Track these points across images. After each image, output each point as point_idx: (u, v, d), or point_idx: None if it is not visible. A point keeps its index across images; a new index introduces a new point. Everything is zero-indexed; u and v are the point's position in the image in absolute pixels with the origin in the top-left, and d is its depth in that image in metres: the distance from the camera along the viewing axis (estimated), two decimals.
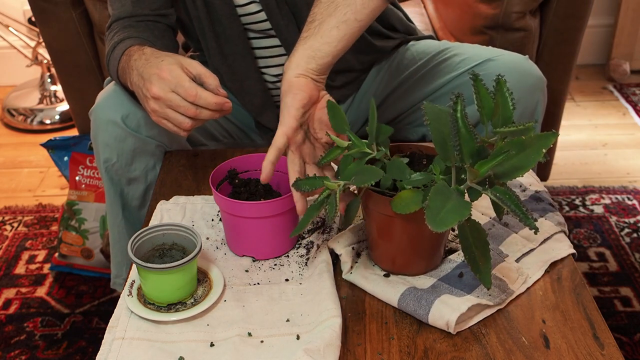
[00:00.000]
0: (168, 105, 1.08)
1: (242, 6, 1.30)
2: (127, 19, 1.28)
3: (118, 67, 1.21)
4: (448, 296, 0.97)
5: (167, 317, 0.96)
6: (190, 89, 1.06)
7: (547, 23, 1.77)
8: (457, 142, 0.88)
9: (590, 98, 2.80)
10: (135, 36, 1.23)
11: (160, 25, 1.30)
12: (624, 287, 1.84)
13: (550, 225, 1.12)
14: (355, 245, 1.07)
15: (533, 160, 0.86)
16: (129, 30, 1.25)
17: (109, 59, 1.25)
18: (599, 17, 2.88)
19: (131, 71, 1.15)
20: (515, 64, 1.31)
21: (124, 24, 1.28)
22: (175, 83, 1.07)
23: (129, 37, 1.23)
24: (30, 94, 2.76)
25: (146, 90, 1.10)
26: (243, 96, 1.40)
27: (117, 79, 1.24)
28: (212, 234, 1.14)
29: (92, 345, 1.69)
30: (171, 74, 1.07)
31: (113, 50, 1.23)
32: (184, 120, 1.09)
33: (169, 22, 1.32)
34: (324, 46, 1.06)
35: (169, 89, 1.07)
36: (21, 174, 2.41)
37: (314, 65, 1.05)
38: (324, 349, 0.88)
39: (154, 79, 1.08)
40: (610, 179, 2.30)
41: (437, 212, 0.84)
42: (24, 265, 1.97)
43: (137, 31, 1.25)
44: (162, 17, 1.30)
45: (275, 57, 1.36)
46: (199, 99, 1.06)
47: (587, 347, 0.92)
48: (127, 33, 1.25)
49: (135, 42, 1.21)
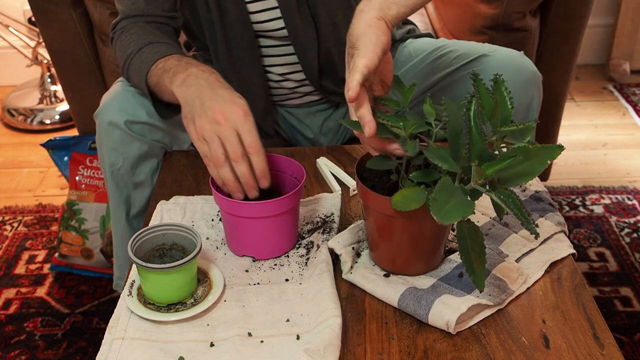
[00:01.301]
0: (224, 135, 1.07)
1: (256, 13, 1.30)
2: (137, 17, 1.28)
3: (153, 68, 1.19)
4: (448, 296, 0.97)
5: (167, 317, 0.96)
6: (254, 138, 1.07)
7: (547, 23, 1.77)
8: (468, 140, 0.88)
9: (590, 98, 2.80)
10: (164, 42, 1.23)
11: (168, 28, 1.30)
12: (624, 287, 1.84)
13: (550, 225, 1.12)
14: (355, 245, 1.07)
15: (538, 169, 0.87)
16: (147, 32, 1.24)
17: (131, 60, 1.23)
18: (599, 17, 2.88)
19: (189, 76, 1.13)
20: (510, 59, 1.31)
21: (135, 23, 1.27)
22: (220, 130, 1.06)
23: (157, 41, 1.22)
24: (30, 94, 2.76)
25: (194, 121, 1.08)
26: (249, 101, 1.40)
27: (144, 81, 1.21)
28: (212, 234, 1.14)
29: (92, 345, 1.69)
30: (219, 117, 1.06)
31: (139, 51, 1.21)
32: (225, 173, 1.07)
33: (176, 25, 1.32)
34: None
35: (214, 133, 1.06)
36: (21, 174, 2.41)
37: (394, 12, 1.02)
38: (324, 349, 0.88)
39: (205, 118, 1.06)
40: (610, 179, 2.30)
41: (442, 205, 0.84)
42: (24, 265, 1.97)
43: (160, 36, 1.25)
44: (171, 19, 1.30)
45: (281, 57, 1.36)
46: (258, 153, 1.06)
47: (587, 347, 0.92)
48: (150, 36, 1.23)
49: (173, 49, 1.21)
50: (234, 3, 1.28)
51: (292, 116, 1.48)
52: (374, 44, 0.97)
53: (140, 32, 1.26)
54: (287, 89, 1.41)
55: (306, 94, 1.43)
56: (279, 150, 1.33)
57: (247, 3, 1.29)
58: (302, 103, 1.45)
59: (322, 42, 1.33)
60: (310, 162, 1.32)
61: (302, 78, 1.39)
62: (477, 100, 0.91)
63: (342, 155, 1.34)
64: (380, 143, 0.98)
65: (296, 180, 1.11)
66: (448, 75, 1.36)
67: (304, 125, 1.48)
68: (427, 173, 0.95)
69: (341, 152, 1.35)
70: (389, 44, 1.00)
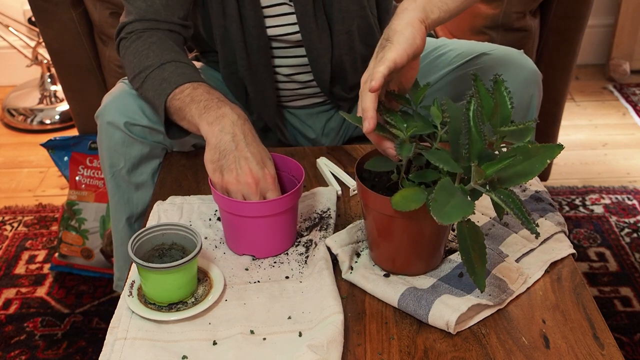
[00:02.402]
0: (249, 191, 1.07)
1: (271, 17, 1.30)
2: (152, 21, 1.25)
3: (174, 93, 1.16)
4: (448, 296, 0.97)
5: (169, 317, 0.96)
6: None
7: (547, 23, 1.77)
8: (467, 140, 0.88)
9: (590, 98, 2.80)
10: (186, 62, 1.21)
11: (180, 38, 1.28)
12: (624, 287, 1.84)
13: (550, 225, 1.12)
14: (353, 245, 1.07)
15: (537, 169, 0.87)
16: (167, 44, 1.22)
17: (149, 73, 1.19)
18: (599, 17, 2.88)
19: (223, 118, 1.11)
20: (510, 57, 1.31)
21: (155, 32, 1.24)
22: (248, 192, 1.06)
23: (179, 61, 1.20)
24: (30, 94, 2.76)
25: (222, 171, 1.07)
26: (262, 107, 1.39)
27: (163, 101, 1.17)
28: (210, 234, 1.14)
29: (92, 345, 1.69)
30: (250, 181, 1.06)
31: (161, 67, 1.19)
32: None
33: (187, 35, 1.30)
34: (449, 2, 1.05)
35: (240, 191, 1.06)
36: (21, 174, 2.41)
37: (435, 16, 1.03)
38: (327, 345, 0.89)
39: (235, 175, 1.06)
40: (610, 179, 2.30)
41: (442, 205, 0.84)
42: (24, 265, 1.97)
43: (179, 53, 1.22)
44: (183, 28, 1.28)
45: (289, 58, 1.36)
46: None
47: (587, 347, 0.92)
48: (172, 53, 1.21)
49: (194, 73, 1.19)
50: (253, 10, 1.28)
51: (294, 117, 1.48)
52: (408, 43, 0.98)
53: (160, 44, 1.23)
54: (290, 90, 1.41)
55: (309, 95, 1.43)
56: (279, 150, 1.33)
57: (263, 8, 1.29)
58: (305, 105, 1.46)
59: (335, 49, 1.34)
60: (310, 162, 1.32)
61: (307, 79, 1.39)
62: (476, 100, 0.91)
63: (342, 155, 1.34)
64: (377, 138, 0.99)
65: (295, 179, 1.12)
66: (448, 74, 1.36)
67: (306, 126, 1.48)
68: (427, 173, 0.95)
69: (341, 152, 1.35)
70: (422, 50, 1.01)
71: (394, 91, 1.03)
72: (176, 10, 1.26)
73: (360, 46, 1.36)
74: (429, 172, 0.96)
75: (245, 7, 1.28)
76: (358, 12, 1.32)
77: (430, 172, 0.96)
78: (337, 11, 1.30)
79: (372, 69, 0.98)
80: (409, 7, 1.02)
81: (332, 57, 1.34)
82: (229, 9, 1.28)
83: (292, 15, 1.30)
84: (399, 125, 0.96)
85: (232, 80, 1.38)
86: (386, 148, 0.99)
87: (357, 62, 1.38)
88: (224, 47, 1.34)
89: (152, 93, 1.19)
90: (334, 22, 1.31)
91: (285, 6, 1.30)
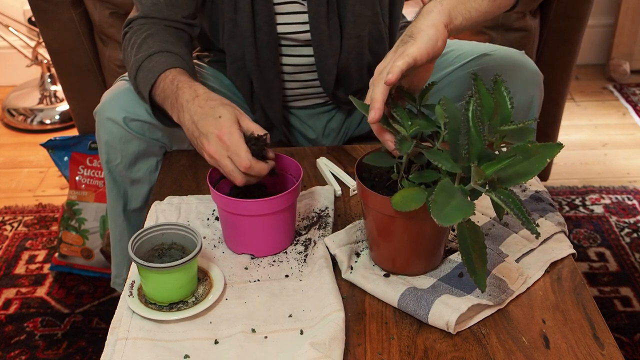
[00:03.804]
0: (222, 164, 1.07)
1: (282, 14, 1.31)
2: (156, 19, 1.26)
3: (156, 83, 1.18)
4: (448, 296, 0.97)
5: (170, 317, 0.96)
6: (244, 161, 1.04)
7: (547, 23, 1.77)
8: (466, 141, 0.88)
9: (590, 98, 2.80)
10: (174, 52, 1.22)
11: (185, 35, 1.29)
12: (624, 287, 1.84)
13: (550, 225, 1.12)
14: (351, 245, 1.07)
15: (537, 168, 0.87)
16: (161, 38, 1.23)
17: (140, 65, 1.21)
18: (599, 17, 2.88)
19: (181, 110, 1.13)
20: (511, 58, 1.31)
21: (153, 25, 1.26)
22: (232, 151, 1.05)
23: (166, 50, 1.21)
24: (30, 94, 2.76)
25: (201, 144, 1.09)
26: (268, 104, 1.39)
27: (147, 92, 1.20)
28: (209, 233, 1.14)
29: (92, 345, 1.69)
30: (230, 139, 1.05)
31: (149, 58, 1.20)
32: (237, 176, 1.07)
33: (193, 33, 1.31)
34: (472, 11, 1.05)
35: (225, 154, 1.06)
36: (21, 174, 2.41)
37: (458, 21, 1.04)
38: (329, 343, 0.89)
39: (212, 138, 1.07)
40: (610, 179, 2.30)
41: (442, 207, 0.84)
42: (24, 265, 1.97)
43: (173, 44, 1.23)
44: (188, 26, 1.29)
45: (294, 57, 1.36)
46: (251, 170, 1.05)
47: (587, 347, 0.92)
48: (163, 44, 1.22)
49: (177, 62, 1.20)
50: (265, 5, 1.29)
51: (295, 117, 1.48)
52: (430, 44, 0.99)
53: (153, 39, 1.24)
54: (293, 89, 1.41)
55: (311, 95, 1.43)
56: (279, 150, 1.33)
57: (275, 5, 1.30)
58: (307, 105, 1.46)
59: (343, 53, 1.34)
60: (310, 162, 1.32)
61: (310, 79, 1.39)
62: (476, 100, 0.91)
63: (342, 155, 1.34)
64: (379, 129, 0.99)
65: (293, 178, 1.12)
66: (449, 74, 1.36)
67: (307, 126, 1.48)
68: (427, 173, 0.95)
69: (341, 152, 1.35)
70: (440, 53, 1.02)
71: (404, 88, 1.03)
72: (181, 9, 1.27)
73: (369, 53, 1.36)
74: (429, 172, 0.96)
75: (257, 2, 1.28)
76: (371, 18, 1.32)
77: (430, 172, 0.96)
78: (350, 14, 1.30)
79: (389, 60, 0.99)
80: (435, 9, 1.03)
81: (339, 60, 1.34)
82: (241, 3, 1.28)
83: (303, 15, 1.31)
84: (404, 122, 0.96)
85: (239, 76, 1.38)
86: (386, 140, 0.99)
87: (364, 69, 1.38)
88: (232, 42, 1.34)
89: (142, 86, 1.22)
90: (346, 25, 1.31)
91: (297, 5, 1.30)
